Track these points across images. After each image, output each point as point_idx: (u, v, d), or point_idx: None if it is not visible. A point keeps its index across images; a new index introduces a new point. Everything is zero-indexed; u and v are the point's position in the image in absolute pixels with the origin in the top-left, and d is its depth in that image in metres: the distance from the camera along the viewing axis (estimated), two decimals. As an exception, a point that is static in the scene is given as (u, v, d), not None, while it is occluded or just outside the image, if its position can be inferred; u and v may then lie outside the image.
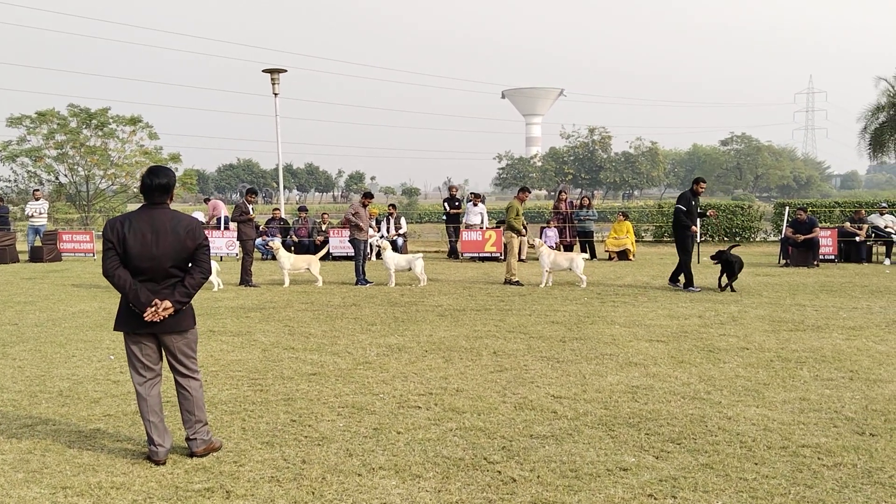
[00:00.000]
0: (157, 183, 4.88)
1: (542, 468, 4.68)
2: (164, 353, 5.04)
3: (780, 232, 20.80)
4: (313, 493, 4.34)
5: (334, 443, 5.20)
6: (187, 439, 4.97)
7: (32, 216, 22.10)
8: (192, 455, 4.94)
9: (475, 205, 20.68)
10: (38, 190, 24.70)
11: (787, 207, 21.76)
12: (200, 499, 4.28)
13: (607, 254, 20.00)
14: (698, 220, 14.81)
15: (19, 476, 4.64)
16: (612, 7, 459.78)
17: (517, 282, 14.29)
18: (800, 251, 17.60)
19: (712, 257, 13.50)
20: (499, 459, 4.85)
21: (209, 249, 5.06)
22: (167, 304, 4.78)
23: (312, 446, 5.13)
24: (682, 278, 13.44)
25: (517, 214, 14.71)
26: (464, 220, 20.84)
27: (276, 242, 15.09)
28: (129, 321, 4.87)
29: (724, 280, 13.09)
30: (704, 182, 14.17)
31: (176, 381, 5.05)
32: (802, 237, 17.61)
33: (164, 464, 4.82)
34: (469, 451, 5.00)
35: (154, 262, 4.78)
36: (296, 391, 6.56)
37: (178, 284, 4.88)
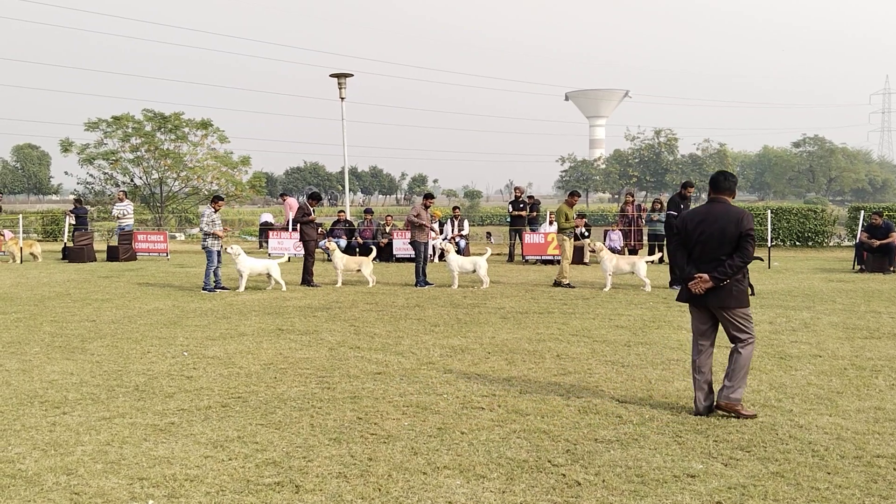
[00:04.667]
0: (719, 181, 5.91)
1: (608, 472, 4.66)
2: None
3: (855, 237, 20.17)
4: (379, 489, 4.41)
5: (399, 441, 5.27)
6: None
7: (120, 217, 22.94)
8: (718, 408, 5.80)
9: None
10: (123, 192, 25.65)
11: (863, 211, 21.09)
12: (270, 492, 4.39)
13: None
14: None
15: (98, 467, 4.82)
16: (678, 8, 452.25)
17: (568, 284, 14.22)
18: (875, 257, 17.03)
19: None
20: (563, 462, 4.84)
21: (753, 239, 5.74)
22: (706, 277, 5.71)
23: (378, 444, 5.21)
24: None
25: (566, 218, 14.74)
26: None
27: (332, 243, 15.40)
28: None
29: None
30: (692, 186, 14.63)
31: None
32: (878, 242, 17.03)
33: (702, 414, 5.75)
34: (533, 454, 5.01)
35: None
36: (362, 389, 6.66)
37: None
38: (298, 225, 15.46)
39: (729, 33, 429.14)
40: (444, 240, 19.42)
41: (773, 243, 21.80)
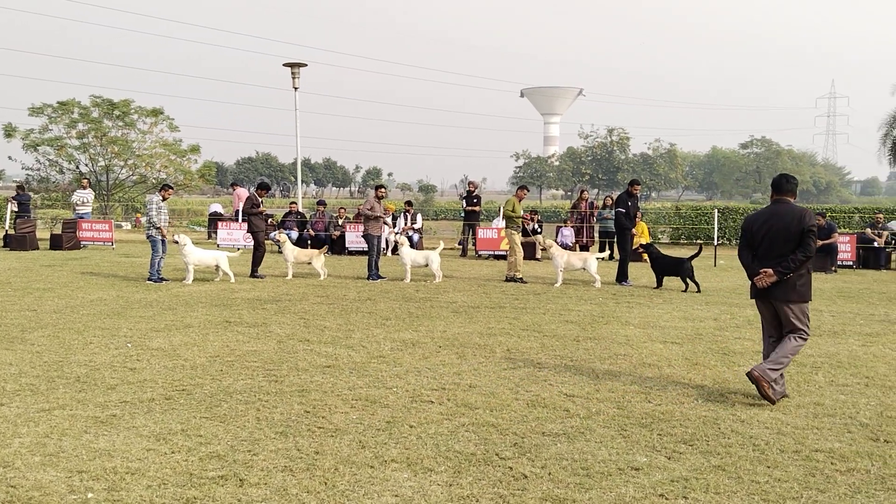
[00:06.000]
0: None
1: (554, 465, 4.69)
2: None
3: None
4: (325, 483, 4.37)
5: (347, 435, 5.23)
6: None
7: (78, 205, 22.41)
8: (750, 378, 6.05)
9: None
10: (86, 178, 24.98)
11: (806, 212, 21.59)
12: (214, 486, 4.32)
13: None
14: (636, 220, 15.58)
15: (36, 459, 4.70)
16: (633, 9, 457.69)
17: (521, 279, 14.33)
18: (817, 257, 17.45)
19: (642, 245, 14.65)
20: (510, 455, 4.86)
21: (815, 235, 6.10)
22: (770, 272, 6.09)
23: (326, 437, 5.17)
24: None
25: (513, 209, 14.85)
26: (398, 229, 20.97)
27: (283, 235, 15.24)
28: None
29: (691, 280, 13.45)
30: (639, 184, 15.26)
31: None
32: (820, 242, 17.48)
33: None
34: (481, 447, 5.02)
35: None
36: (310, 383, 6.60)
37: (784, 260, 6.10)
38: (247, 216, 15.25)
39: (683, 35, 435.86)
40: (397, 233, 19.37)
41: (720, 242, 22.23)
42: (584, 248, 20.11)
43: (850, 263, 18.14)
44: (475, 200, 21.27)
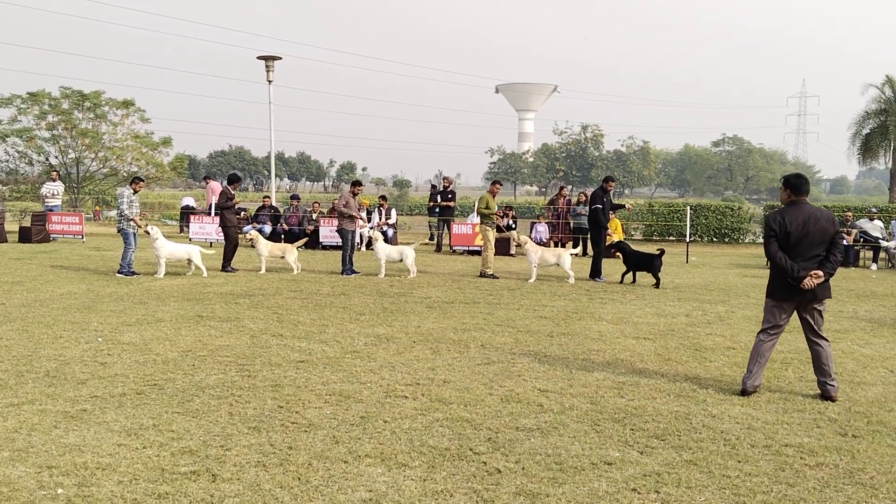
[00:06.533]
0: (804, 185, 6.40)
1: (528, 460, 4.71)
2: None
3: (769, 234, 20.87)
4: (299, 478, 4.36)
5: (321, 430, 5.21)
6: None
7: (48, 197, 22.07)
8: (826, 398, 6.18)
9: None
10: (55, 171, 24.59)
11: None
12: (186, 482, 4.28)
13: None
14: (611, 216, 16.03)
15: (4, 455, 4.63)
16: (605, 5, 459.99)
17: (492, 275, 14.36)
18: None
19: (613, 245, 14.67)
20: (484, 450, 4.88)
21: (842, 236, 6.36)
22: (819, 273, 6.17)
23: (299, 433, 5.15)
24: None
25: (487, 206, 14.85)
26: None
27: (253, 231, 15.13)
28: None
29: (656, 275, 13.61)
30: (614, 180, 15.40)
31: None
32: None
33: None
34: (455, 442, 5.03)
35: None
36: (283, 378, 6.57)
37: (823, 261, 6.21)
38: (220, 210, 15.12)
39: (655, 31, 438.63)
40: (371, 228, 19.32)
41: (692, 239, 22.44)
42: (560, 244, 20.20)
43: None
44: (450, 196, 21.29)
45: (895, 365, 7.53)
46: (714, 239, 25.19)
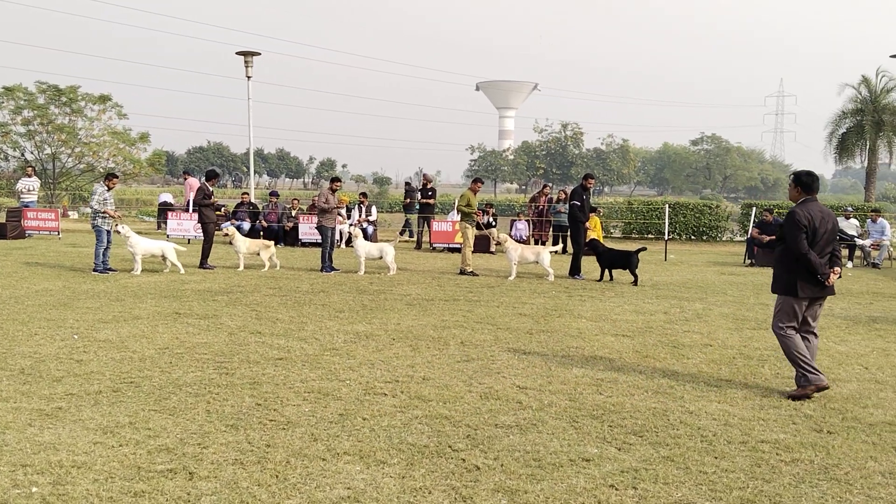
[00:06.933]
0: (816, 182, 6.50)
1: (506, 457, 4.72)
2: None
3: (747, 232, 21.10)
4: (277, 476, 4.34)
5: (299, 427, 5.19)
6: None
7: (23, 192, 21.80)
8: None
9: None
10: (31, 166, 24.27)
11: (755, 208, 22.08)
12: (163, 479, 4.25)
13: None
14: (591, 214, 16.37)
15: (-23, 453, 4.57)
16: (586, 4, 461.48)
17: (471, 272, 14.37)
18: (765, 252, 17.86)
19: (586, 243, 14.69)
20: (463, 447, 4.88)
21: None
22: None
23: (277, 430, 5.12)
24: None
25: (468, 203, 14.86)
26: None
27: (231, 229, 15.04)
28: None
29: (635, 272, 13.67)
30: (593, 178, 15.64)
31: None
32: (768, 238, 17.87)
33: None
34: (434, 439, 5.03)
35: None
36: (262, 375, 6.53)
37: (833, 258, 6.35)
38: (198, 206, 15.00)
39: (635, 30, 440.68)
40: (351, 225, 19.27)
41: (670, 237, 22.58)
42: (541, 242, 20.24)
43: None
44: (430, 193, 21.29)
45: (869, 362, 7.62)
46: (692, 237, 25.37)
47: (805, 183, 6.42)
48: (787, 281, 6.34)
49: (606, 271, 14.12)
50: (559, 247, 17.70)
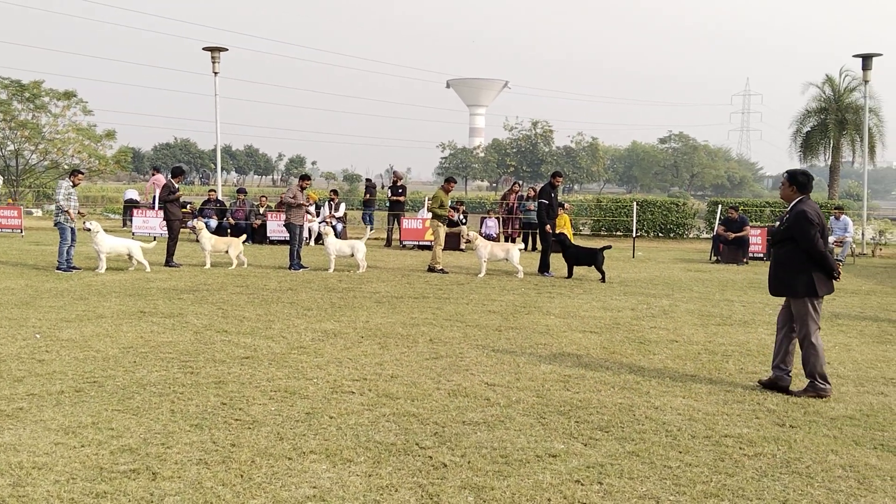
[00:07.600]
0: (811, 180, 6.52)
1: (473, 454, 4.72)
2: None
3: (713, 229, 21.34)
4: (242, 476, 4.30)
5: (265, 426, 5.15)
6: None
7: None
8: (780, 389, 6.36)
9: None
10: None
11: (720, 206, 22.33)
12: (125, 480, 4.19)
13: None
14: (559, 212, 16.41)
15: (-66, 456, 4.47)
16: (556, 2, 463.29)
17: (441, 270, 14.39)
18: (730, 249, 18.09)
19: (554, 235, 14.80)
20: (430, 445, 4.87)
21: None
22: None
23: (243, 430, 5.08)
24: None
25: (441, 204, 14.86)
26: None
27: (200, 222, 14.90)
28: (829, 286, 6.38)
29: (604, 270, 13.75)
30: (562, 176, 15.71)
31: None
32: (733, 235, 18.11)
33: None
34: (401, 437, 5.02)
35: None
36: (227, 374, 6.47)
37: None
38: (164, 203, 14.83)
39: (605, 28, 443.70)
40: (321, 223, 19.18)
41: (638, 234, 22.77)
42: (510, 239, 20.30)
43: (761, 255, 18.79)
44: (400, 191, 21.24)
45: (831, 357, 7.73)
46: (660, 234, 25.63)
47: (801, 182, 6.44)
48: (805, 282, 6.25)
49: (571, 267, 14.20)
50: (524, 245, 17.77)
